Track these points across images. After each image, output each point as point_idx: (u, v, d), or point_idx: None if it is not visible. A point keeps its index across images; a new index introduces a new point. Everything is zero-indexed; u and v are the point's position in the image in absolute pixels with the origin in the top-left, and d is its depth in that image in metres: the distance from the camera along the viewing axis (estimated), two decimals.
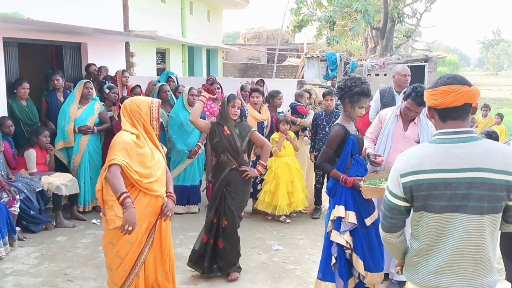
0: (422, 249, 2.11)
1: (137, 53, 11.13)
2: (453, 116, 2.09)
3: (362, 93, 3.63)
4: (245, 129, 4.42)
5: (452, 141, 2.06)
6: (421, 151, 2.11)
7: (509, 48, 79.50)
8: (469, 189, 1.99)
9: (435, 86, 2.11)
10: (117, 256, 3.39)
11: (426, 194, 2.03)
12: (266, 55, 27.32)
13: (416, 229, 2.14)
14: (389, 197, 2.18)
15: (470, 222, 2.01)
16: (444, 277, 2.06)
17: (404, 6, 21.73)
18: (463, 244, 2.02)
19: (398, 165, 2.14)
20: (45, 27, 6.51)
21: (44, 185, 5.74)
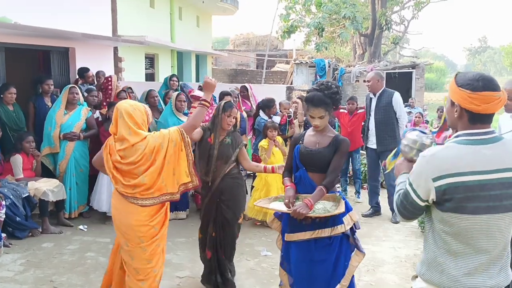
0: (452, 250, 2.07)
1: (126, 58, 11.09)
2: (485, 121, 2.07)
3: (307, 100, 3.40)
4: (238, 140, 4.29)
5: (482, 142, 2.03)
6: (451, 152, 2.03)
7: (495, 55, 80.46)
8: (502, 189, 2.00)
9: (476, 89, 2.00)
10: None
11: (461, 196, 1.99)
12: (255, 61, 27.37)
13: (443, 229, 2.08)
14: (414, 197, 2.11)
15: (503, 221, 2.03)
16: (475, 277, 2.04)
17: (392, 13, 21.93)
18: (496, 243, 2.04)
19: (426, 168, 2.05)
20: (32, 31, 6.47)
21: (30, 190, 5.68)
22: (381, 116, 6.53)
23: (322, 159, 3.39)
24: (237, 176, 4.32)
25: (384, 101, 6.50)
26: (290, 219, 3.38)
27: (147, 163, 3.31)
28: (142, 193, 3.33)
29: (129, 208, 3.34)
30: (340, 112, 7.85)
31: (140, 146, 3.30)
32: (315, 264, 3.32)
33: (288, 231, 3.41)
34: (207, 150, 4.21)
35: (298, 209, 3.14)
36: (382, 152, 6.52)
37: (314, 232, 3.28)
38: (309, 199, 3.22)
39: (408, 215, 2.21)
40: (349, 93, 14.23)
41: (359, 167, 7.86)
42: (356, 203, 7.53)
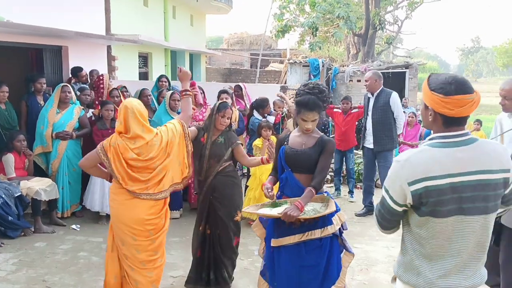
0: (427, 253, 2.08)
1: (119, 57, 11.05)
2: (459, 123, 2.07)
3: (301, 104, 3.30)
4: (231, 139, 4.27)
5: (455, 144, 2.03)
6: (425, 156, 2.03)
7: (488, 55, 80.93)
8: (474, 191, 2.00)
9: (449, 93, 2.00)
10: None
11: (435, 200, 1.99)
12: (249, 60, 27.35)
13: (419, 233, 2.09)
14: (390, 203, 2.12)
15: (477, 222, 2.03)
16: (451, 279, 2.06)
17: (385, 13, 22.00)
18: (470, 245, 2.05)
19: (401, 172, 2.04)
20: (25, 30, 6.43)
21: (23, 190, 5.64)
22: (379, 116, 6.52)
23: (308, 160, 3.36)
24: (231, 174, 4.31)
25: (381, 101, 6.50)
26: (276, 224, 3.32)
27: (163, 157, 3.49)
28: (155, 187, 3.47)
29: (140, 204, 3.44)
30: (334, 111, 7.86)
31: (156, 142, 3.45)
32: (305, 269, 3.27)
33: (275, 236, 3.32)
34: (199, 150, 4.22)
35: (288, 212, 3.08)
36: (379, 152, 6.53)
37: (304, 235, 3.23)
38: (299, 201, 3.17)
39: (386, 224, 2.22)
40: (343, 93, 14.26)
41: (353, 166, 7.88)
42: (350, 203, 7.55)
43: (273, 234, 3.35)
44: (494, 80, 66.65)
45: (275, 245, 3.32)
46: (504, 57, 53.29)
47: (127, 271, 3.54)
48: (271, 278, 3.40)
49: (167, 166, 3.52)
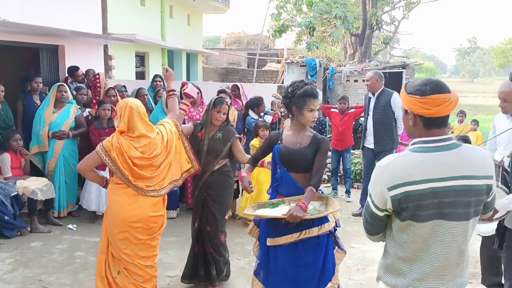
0: (407, 257, 2.09)
1: (116, 56, 11.03)
2: (439, 125, 2.06)
3: (306, 94, 3.30)
4: (229, 134, 4.29)
5: (437, 149, 2.03)
6: (405, 161, 2.04)
7: (484, 56, 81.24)
8: (456, 197, 2.00)
9: (425, 94, 2.02)
10: None
11: (415, 205, 2.00)
12: (246, 60, 27.33)
13: (400, 237, 2.10)
14: (373, 208, 2.14)
15: (456, 228, 2.03)
16: (429, 282, 2.07)
17: (382, 13, 21.99)
18: (449, 250, 2.05)
19: (381, 177, 2.06)
20: (21, 29, 6.41)
21: (19, 189, 5.63)
22: (380, 116, 6.51)
23: (304, 159, 3.35)
24: (227, 174, 4.35)
25: (382, 101, 6.49)
26: (272, 223, 3.30)
27: (165, 154, 3.59)
28: (159, 184, 3.56)
29: (145, 201, 3.49)
30: (331, 111, 7.87)
31: (158, 140, 3.55)
32: (303, 268, 3.26)
33: (271, 235, 3.30)
34: (196, 145, 4.25)
35: (294, 213, 3.06)
36: (379, 152, 6.50)
37: (301, 233, 3.21)
38: (302, 201, 3.15)
39: (370, 228, 2.24)
40: (340, 93, 14.26)
41: (350, 166, 7.89)
42: (347, 203, 7.55)
43: (269, 233, 3.32)
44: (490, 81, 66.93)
45: (271, 245, 3.29)
46: (500, 58, 53.51)
47: (128, 268, 3.54)
48: (265, 278, 3.38)
49: (169, 163, 3.63)
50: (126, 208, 3.47)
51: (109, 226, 3.53)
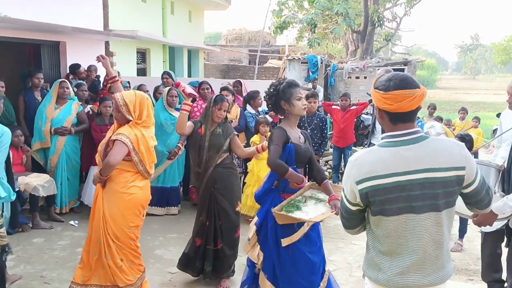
0: (385, 251, 2.12)
1: (117, 53, 11.03)
2: (405, 119, 2.08)
3: (290, 85, 3.44)
4: (229, 130, 4.35)
5: (402, 143, 2.06)
6: (372, 156, 2.08)
7: (486, 53, 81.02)
8: (423, 189, 2.02)
9: (388, 89, 2.04)
10: None
11: (382, 199, 2.04)
12: (247, 57, 27.31)
13: (376, 231, 2.14)
14: (345, 202, 2.19)
15: (428, 220, 2.05)
16: (410, 276, 2.08)
17: (384, 10, 21.96)
18: (425, 243, 2.06)
19: (351, 172, 2.11)
20: (23, 25, 6.41)
21: (21, 185, 5.63)
22: None
23: (309, 154, 3.53)
24: (230, 166, 4.37)
25: None
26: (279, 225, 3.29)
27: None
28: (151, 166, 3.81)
29: (148, 183, 3.81)
30: (333, 108, 7.86)
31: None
32: (316, 252, 3.41)
33: (286, 235, 3.31)
34: (197, 141, 4.29)
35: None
36: None
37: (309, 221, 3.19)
38: (334, 194, 3.29)
39: (345, 222, 2.27)
40: (341, 90, 14.25)
41: None
42: None
43: (282, 234, 3.33)
44: (492, 78, 66.85)
45: (288, 243, 3.31)
46: (502, 55, 53.33)
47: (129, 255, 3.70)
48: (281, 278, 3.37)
49: None
50: (142, 191, 3.71)
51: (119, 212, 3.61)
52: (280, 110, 3.48)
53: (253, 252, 3.51)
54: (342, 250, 5.39)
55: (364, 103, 7.77)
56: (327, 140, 6.81)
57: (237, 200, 4.41)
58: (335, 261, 5.05)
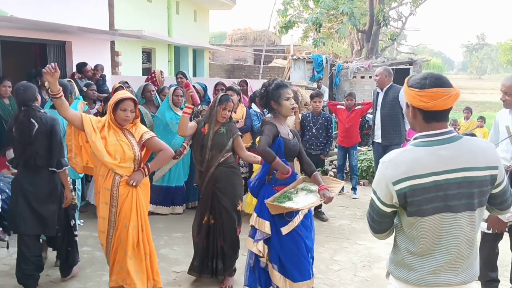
0: (418, 252, 2.11)
1: (123, 53, 11.06)
2: (439, 118, 2.09)
3: (278, 86, 3.67)
4: (232, 130, 4.35)
5: (438, 142, 2.06)
6: (408, 156, 2.07)
7: (492, 52, 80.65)
8: (460, 189, 2.02)
9: (423, 87, 2.06)
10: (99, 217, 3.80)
11: (420, 199, 2.02)
12: (252, 56, 27.31)
13: (410, 232, 2.13)
14: (378, 204, 2.15)
15: (463, 219, 2.06)
16: (442, 275, 2.09)
17: (389, 10, 21.89)
18: (459, 242, 2.07)
19: (386, 172, 2.09)
20: (29, 25, 6.43)
21: None
22: (387, 111, 6.63)
23: (298, 148, 3.78)
24: (232, 165, 4.37)
25: (391, 96, 6.61)
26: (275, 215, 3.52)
27: None
28: None
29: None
30: (338, 108, 7.85)
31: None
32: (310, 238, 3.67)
33: (283, 224, 3.54)
34: (200, 140, 4.30)
35: (329, 195, 3.46)
36: (387, 146, 6.58)
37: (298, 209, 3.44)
38: (324, 184, 3.56)
39: (376, 226, 2.25)
40: (347, 89, 14.23)
41: (356, 163, 7.87)
42: (353, 199, 7.54)
43: (280, 224, 3.55)
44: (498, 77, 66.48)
45: (288, 231, 3.53)
46: (508, 54, 53.11)
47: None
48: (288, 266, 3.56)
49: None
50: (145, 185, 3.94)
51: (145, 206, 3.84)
52: (271, 109, 3.75)
53: (257, 246, 3.61)
54: (347, 250, 5.39)
55: (369, 103, 7.74)
56: (332, 140, 6.81)
57: (239, 199, 4.41)
58: (340, 261, 5.05)
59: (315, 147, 6.57)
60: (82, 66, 7.76)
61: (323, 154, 6.63)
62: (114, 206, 3.70)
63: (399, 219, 2.19)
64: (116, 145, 3.68)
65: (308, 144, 6.57)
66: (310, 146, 6.57)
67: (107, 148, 3.64)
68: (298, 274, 3.56)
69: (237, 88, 6.59)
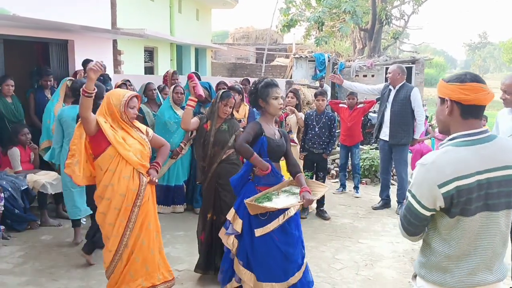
0: (455, 254, 2.09)
1: (125, 51, 11.06)
2: (476, 115, 2.10)
3: (267, 85, 3.66)
4: (234, 126, 4.38)
5: (479, 141, 2.06)
6: (451, 156, 2.04)
7: (495, 51, 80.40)
8: (500, 187, 2.03)
9: (464, 81, 2.07)
10: (108, 224, 3.65)
11: (464, 199, 2.00)
12: (255, 55, 27.30)
13: (448, 233, 2.09)
14: (418, 208, 2.09)
15: (502, 218, 2.07)
16: (478, 275, 2.08)
17: (392, 8, 21.84)
18: (495, 240, 2.08)
19: (429, 176, 2.03)
20: (31, 23, 6.43)
21: (29, 183, 5.67)
22: (398, 109, 6.57)
23: (284, 149, 3.74)
24: (234, 162, 4.39)
25: (402, 94, 6.55)
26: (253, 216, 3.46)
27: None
28: None
29: None
30: (340, 107, 7.84)
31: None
32: (292, 244, 3.55)
33: (259, 226, 3.47)
34: (202, 136, 4.34)
35: (308, 198, 3.39)
36: (393, 145, 6.56)
37: (285, 215, 3.41)
38: (305, 187, 3.51)
39: (412, 229, 2.19)
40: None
41: (358, 162, 7.86)
42: (355, 198, 7.54)
43: (255, 225, 3.49)
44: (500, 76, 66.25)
45: (262, 234, 3.46)
46: (510, 53, 52.94)
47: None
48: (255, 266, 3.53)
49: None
50: None
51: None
52: (258, 107, 3.74)
53: (228, 240, 3.65)
54: (349, 248, 5.39)
55: (371, 101, 7.74)
56: (335, 139, 6.79)
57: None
58: (342, 260, 5.04)
59: (317, 146, 6.56)
60: (85, 63, 7.78)
61: (325, 153, 6.62)
62: (138, 206, 3.67)
63: (434, 223, 2.15)
64: (135, 143, 3.69)
65: (311, 142, 6.57)
66: (313, 145, 6.56)
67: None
68: (263, 275, 3.51)
69: (238, 88, 6.56)
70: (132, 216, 3.64)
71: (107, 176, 3.60)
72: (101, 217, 3.68)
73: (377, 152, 8.94)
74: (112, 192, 3.60)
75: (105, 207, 3.64)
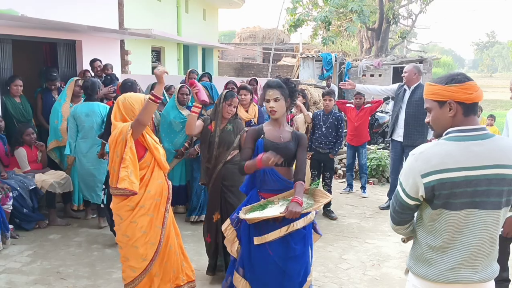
0: (438, 246, 2.11)
1: (132, 51, 11.09)
2: (475, 111, 2.12)
3: (263, 86, 3.50)
4: (239, 127, 4.37)
5: (471, 138, 2.06)
6: (441, 149, 2.06)
7: (503, 50, 79.82)
8: (489, 186, 2.02)
9: (462, 81, 2.08)
10: (132, 247, 3.57)
11: (448, 193, 2.02)
12: (261, 55, 27.30)
13: (432, 225, 2.12)
14: (402, 196, 2.16)
15: (489, 217, 2.05)
16: (461, 272, 2.08)
17: (399, 7, 21.78)
18: (481, 239, 2.07)
19: (415, 165, 2.08)
20: (39, 24, 6.46)
21: (37, 182, 5.71)
22: (413, 110, 6.43)
23: (288, 153, 3.42)
24: (239, 163, 4.33)
25: (418, 95, 6.36)
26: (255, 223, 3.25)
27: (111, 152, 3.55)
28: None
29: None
30: (347, 106, 7.82)
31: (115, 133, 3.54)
32: (293, 260, 3.27)
33: (258, 234, 3.27)
34: (207, 137, 4.32)
35: (292, 209, 3.09)
36: (407, 146, 6.43)
37: (289, 226, 3.18)
38: (296, 197, 3.20)
39: (397, 217, 2.25)
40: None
41: (365, 162, 7.84)
42: (362, 198, 7.52)
43: (254, 232, 3.29)
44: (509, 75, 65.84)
45: (260, 243, 3.25)
46: None
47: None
48: (249, 275, 3.36)
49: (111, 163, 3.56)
50: None
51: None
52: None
53: (232, 247, 3.51)
54: (356, 248, 5.37)
55: (379, 101, 7.71)
56: (342, 140, 6.76)
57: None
58: (349, 260, 5.03)
59: (324, 145, 6.54)
60: (92, 62, 7.83)
61: (332, 153, 6.60)
62: (168, 211, 3.70)
63: (420, 213, 2.19)
64: (160, 147, 3.73)
65: (317, 142, 6.55)
66: (319, 144, 6.55)
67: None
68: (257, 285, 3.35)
69: (250, 88, 6.56)
70: (165, 222, 3.64)
71: (144, 182, 3.53)
72: (131, 227, 3.52)
73: (384, 152, 8.92)
74: (147, 198, 3.54)
75: (138, 216, 3.53)
